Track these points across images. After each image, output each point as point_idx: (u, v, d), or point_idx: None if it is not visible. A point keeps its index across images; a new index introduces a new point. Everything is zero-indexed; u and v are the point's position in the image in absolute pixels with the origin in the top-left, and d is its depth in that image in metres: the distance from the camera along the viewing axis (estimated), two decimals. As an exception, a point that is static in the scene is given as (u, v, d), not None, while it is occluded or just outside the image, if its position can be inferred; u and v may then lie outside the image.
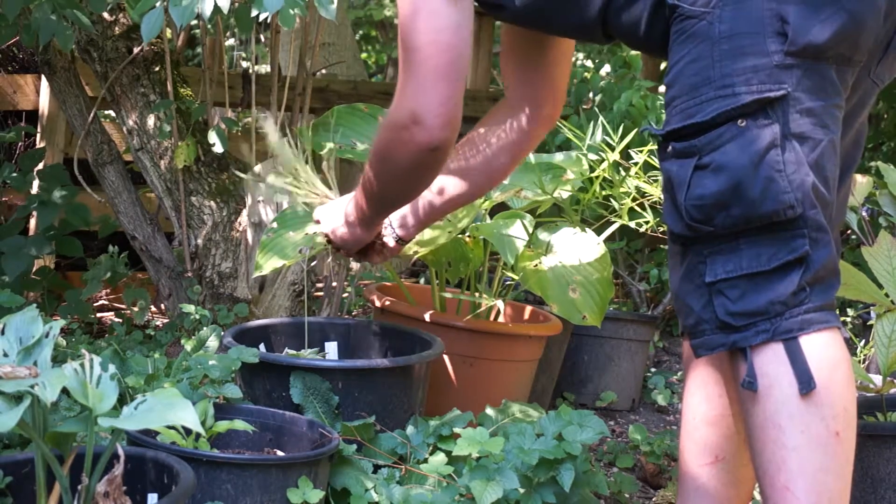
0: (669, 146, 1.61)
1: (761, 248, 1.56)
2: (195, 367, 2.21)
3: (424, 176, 1.86)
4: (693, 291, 1.62)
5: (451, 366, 2.57)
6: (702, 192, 1.57)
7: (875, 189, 2.87)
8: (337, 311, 3.18)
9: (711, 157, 1.56)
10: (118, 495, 1.49)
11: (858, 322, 3.79)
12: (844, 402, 1.58)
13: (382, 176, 1.88)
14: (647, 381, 3.51)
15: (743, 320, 1.58)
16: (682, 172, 1.59)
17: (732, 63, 1.56)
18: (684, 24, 1.61)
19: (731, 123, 1.55)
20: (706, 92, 1.57)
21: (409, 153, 1.76)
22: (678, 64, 1.62)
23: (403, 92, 1.74)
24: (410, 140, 1.74)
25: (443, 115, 1.71)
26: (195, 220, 3.27)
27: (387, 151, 1.81)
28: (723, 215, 1.56)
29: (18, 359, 1.49)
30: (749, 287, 1.57)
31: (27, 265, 3.41)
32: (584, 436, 2.06)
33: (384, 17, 9.42)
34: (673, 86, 1.63)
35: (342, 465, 2.06)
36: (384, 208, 2.02)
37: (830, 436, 1.56)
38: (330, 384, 2.18)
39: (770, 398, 1.57)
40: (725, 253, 1.58)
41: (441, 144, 1.74)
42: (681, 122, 1.59)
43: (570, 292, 2.46)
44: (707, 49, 1.58)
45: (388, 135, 1.79)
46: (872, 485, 2.05)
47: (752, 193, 1.54)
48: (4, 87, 4.07)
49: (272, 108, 3.39)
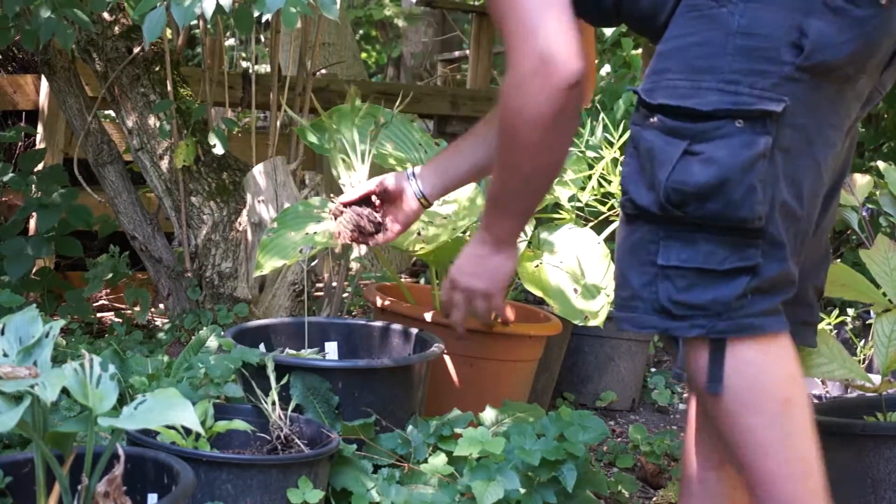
0: (656, 117, 1.58)
1: (717, 246, 1.56)
2: (195, 366, 2.21)
3: (568, 124, 1.71)
4: (636, 266, 1.61)
5: (451, 366, 2.57)
6: (686, 178, 1.55)
7: (875, 189, 2.87)
8: (337, 311, 3.18)
9: (704, 147, 1.54)
10: (118, 495, 1.49)
11: (858, 322, 3.79)
12: (784, 391, 1.59)
13: (517, 155, 1.75)
14: (647, 381, 3.51)
15: (682, 310, 1.58)
16: (668, 150, 1.56)
17: (743, 61, 1.54)
18: (700, 2, 1.58)
19: (730, 120, 1.54)
20: (708, 80, 1.55)
21: (546, 101, 1.64)
22: (681, 38, 1.59)
23: (520, 37, 1.64)
24: (546, 84, 1.63)
25: (570, 44, 1.62)
26: (195, 220, 3.27)
27: (518, 116, 1.68)
28: (697, 206, 1.55)
29: (18, 359, 1.49)
30: (697, 281, 1.57)
31: (28, 267, 3.41)
32: (587, 436, 2.06)
33: (384, 17, 9.43)
34: (669, 57, 1.59)
35: (342, 465, 2.06)
36: (527, 201, 1.87)
37: (781, 403, 1.58)
38: (330, 384, 2.18)
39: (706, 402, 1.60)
40: (681, 241, 1.58)
41: (578, 77, 1.63)
42: (674, 101, 1.56)
43: (572, 293, 2.45)
44: (720, 37, 1.55)
45: (517, 91, 1.67)
46: (872, 485, 2.05)
47: (734, 196, 1.54)
48: (4, 87, 4.07)
49: (272, 108, 3.39)
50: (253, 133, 3.38)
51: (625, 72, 4.47)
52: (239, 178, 3.28)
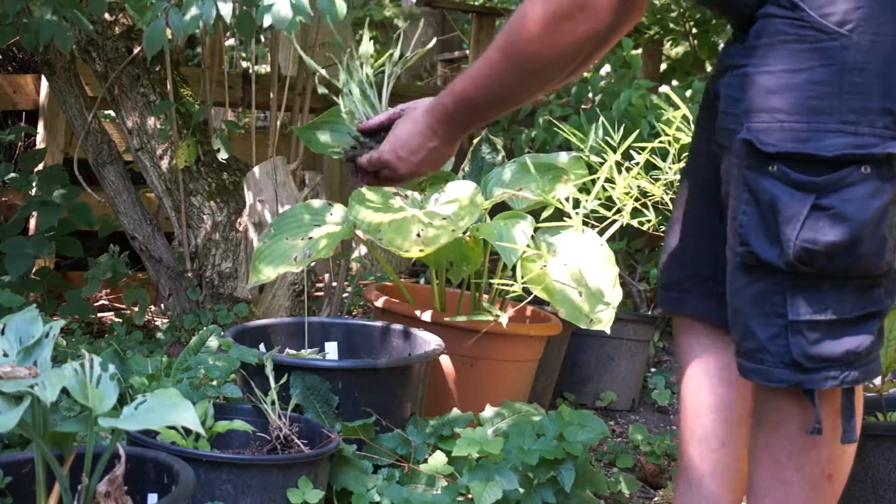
0: (776, 167, 1.50)
1: (845, 294, 1.52)
2: (195, 367, 2.21)
3: (578, 62, 1.68)
4: (761, 318, 1.56)
5: (451, 366, 2.57)
6: (817, 237, 1.48)
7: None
8: (337, 311, 3.18)
9: (832, 200, 1.48)
10: (119, 495, 1.49)
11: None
12: (849, 448, 1.61)
13: (511, 71, 1.68)
14: (647, 381, 3.51)
15: (815, 363, 1.54)
16: (795, 205, 1.49)
17: (860, 99, 1.47)
18: (806, 32, 1.49)
19: (855, 167, 1.47)
20: (826, 121, 1.47)
21: (567, 45, 1.60)
22: (793, 75, 1.49)
23: None
24: (574, 30, 1.58)
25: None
26: (195, 220, 3.27)
27: (534, 45, 1.62)
28: (826, 261, 1.50)
29: (18, 359, 1.49)
30: (829, 332, 1.53)
31: (28, 266, 3.41)
32: (585, 436, 2.06)
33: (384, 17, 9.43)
34: (778, 95, 1.50)
35: (342, 465, 2.06)
36: (484, 115, 1.80)
37: (823, 477, 1.59)
38: (330, 384, 2.18)
39: (782, 430, 1.59)
40: (808, 290, 1.52)
41: (604, 29, 1.59)
42: (796, 147, 1.48)
43: (577, 296, 2.45)
44: (835, 75, 1.47)
45: (540, 26, 1.60)
46: (872, 485, 2.05)
47: (867, 249, 1.49)
48: (4, 87, 4.07)
49: (272, 108, 3.39)
50: (253, 133, 3.38)
51: (625, 71, 4.46)
52: (239, 178, 3.28)
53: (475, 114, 1.78)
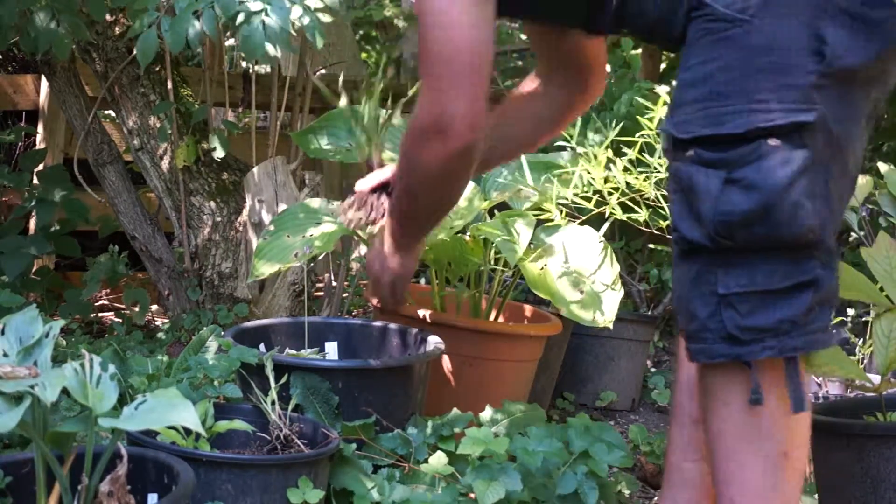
0: (692, 151, 1.57)
1: (775, 266, 1.56)
2: (195, 367, 2.21)
3: (455, 182, 1.82)
4: (699, 298, 1.61)
5: (451, 366, 2.57)
6: (731, 208, 1.54)
7: (875, 189, 2.87)
8: (337, 311, 3.18)
9: (743, 172, 1.54)
10: (122, 494, 1.49)
11: (858, 322, 3.79)
12: (802, 423, 1.62)
13: (413, 189, 1.84)
14: (647, 381, 3.51)
15: (750, 335, 1.57)
16: (709, 183, 1.56)
17: (769, 78, 1.53)
18: (713, 25, 1.57)
19: (763, 140, 1.53)
20: (738, 103, 1.54)
21: (437, 160, 1.73)
22: (705, 65, 1.57)
23: (425, 99, 1.71)
24: (437, 147, 1.71)
25: (467, 119, 1.69)
26: (195, 220, 3.27)
27: (414, 162, 1.78)
28: (745, 232, 1.55)
29: (18, 359, 1.49)
30: (760, 303, 1.57)
31: (27, 265, 3.41)
32: (612, 457, 2.12)
33: (384, 17, 9.43)
34: (695, 87, 1.58)
35: (342, 465, 2.06)
36: (420, 225, 1.98)
37: (781, 455, 1.60)
38: (330, 384, 2.18)
39: (729, 414, 1.61)
40: (739, 266, 1.57)
41: (468, 148, 1.71)
42: (709, 130, 1.55)
43: (579, 294, 2.45)
44: (743, 58, 1.54)
45: (414, 144, 1.76)
46: (872, 485, 2.05)
47: (780, 217, 1.53)
48: (4, 87, 4.07)
49: (272, 108, 3.39)
50: (253, 133, 3.38)
51: (625, 71, 4.46)
52: (239, 178, 3.28)
53: (406, 226, 1.97)
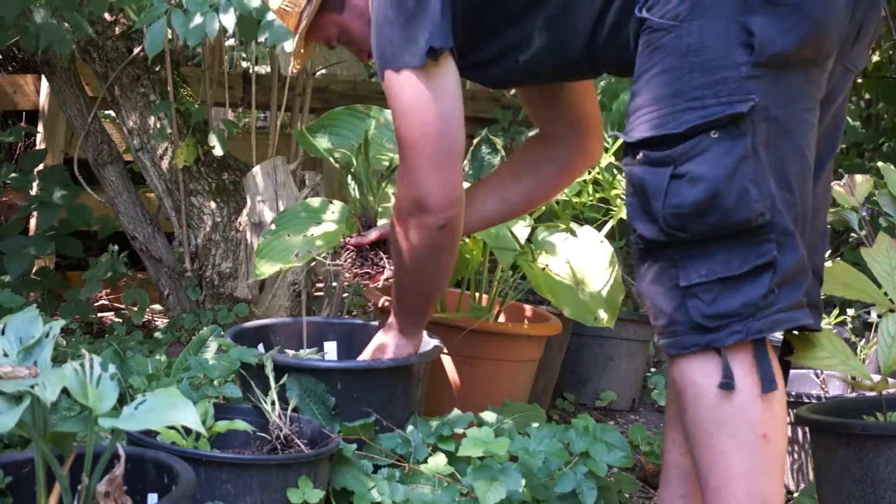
0: (640, 153, 1.65)
1: (732, 253, 1.62)
2: (195, 367, 2.21)
3: (441, 254, 1.97)
4: (664, 294, 1.67)
5: (451, 366, 2.57)
6: (679, 201, 1.62)
7: (875, 189, 2.87)
8: (337, 311, 3.18)
9: (687, 167, 1.61)
10: (119, 495, 1.49)
11: (858, 322, 3.79)
12: (776, 404, 1.65)
13: (407, 267, 2.00)
14: (647, 381, 3.51)
15: (716, 322, 1.63)
16: (656, 181, 1.63)
17: (702, 76, 1.61)
18: (652, 36, 1.66)
19: (704, 135, 1.60)
20: (676, 103, 1.62)
21: (421, 237, 1.91)
22: (646, 74, 1.67)
23: (405, 182, 1.88)
24: (420, 225, 1.90)
25: (444, 198, 1.86)
26: (195, 220, 3.27)
27: (403, 240, 1.95)
28: (698, 223, 1.61)
29: (18, 359, 1.49)
30: (722, 290, 1.63)
31: (28, 265, 3.41)
32: (612, 458, 2.12)
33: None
34: (640, 95, 1.67)
35: (342, 465, 2.06)
36: (421, 303, 2.12)
37: (758, 438, 1.63)
38: (327, 385, 2.18)
39: (703, 402, 1.65)
40: (697, 258, 1.63)
41: (448, 223, 1.90)
42: (652, 132, 1.64)
43: (580, 294, 2.45)
44: (676, 61, 1.63)
45: (399, 224, 1.94)
46: (872, 485, 2.05)
47: (728, 203, 1.60)
48: (4, 87, 4.07)
49: (272, 108, 3.39)
50: (253, 133, 3.38)
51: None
52: (239, 178, 3.28)
53: (408, 308, 2.13)
